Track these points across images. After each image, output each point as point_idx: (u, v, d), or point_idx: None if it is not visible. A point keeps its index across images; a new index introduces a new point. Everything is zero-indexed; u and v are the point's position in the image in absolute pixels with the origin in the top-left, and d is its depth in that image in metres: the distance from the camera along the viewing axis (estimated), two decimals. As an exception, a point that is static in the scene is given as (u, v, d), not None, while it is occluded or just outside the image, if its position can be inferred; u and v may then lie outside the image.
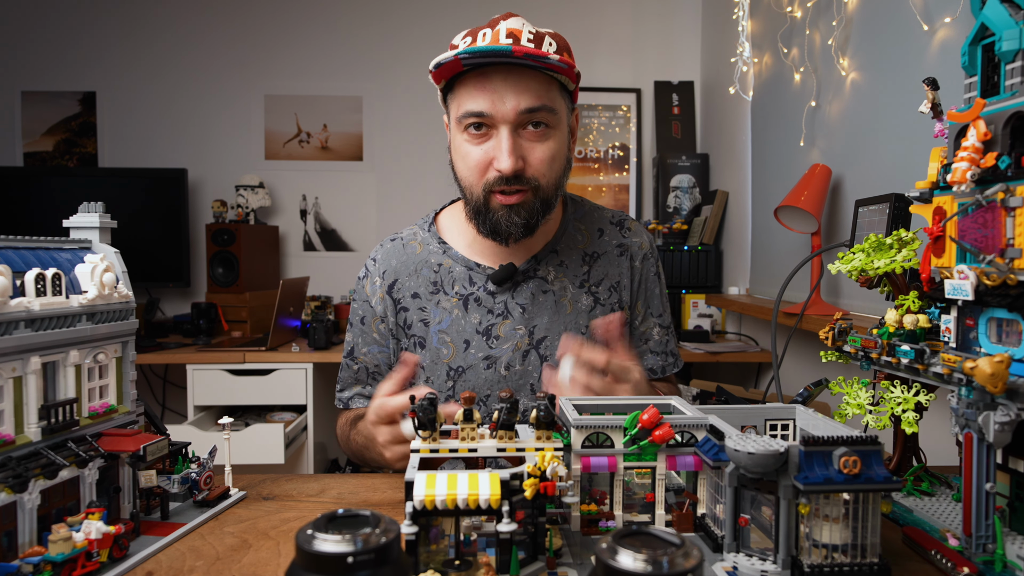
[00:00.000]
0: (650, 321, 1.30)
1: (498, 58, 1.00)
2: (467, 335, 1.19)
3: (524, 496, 0.62)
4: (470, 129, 1.07)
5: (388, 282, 1.24)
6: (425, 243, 1.26)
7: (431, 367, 1.20)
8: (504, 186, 1.07)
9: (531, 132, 1.07)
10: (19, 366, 0.67)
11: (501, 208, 1.09)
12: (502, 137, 1.05)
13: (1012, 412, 0.61)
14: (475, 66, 1.04)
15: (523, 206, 1.09)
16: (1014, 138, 0.67)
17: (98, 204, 0.84)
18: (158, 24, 3.34)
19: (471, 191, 1.11)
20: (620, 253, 1.27)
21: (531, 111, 1.04)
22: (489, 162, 1.07)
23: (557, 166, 1.11)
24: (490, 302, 1.20)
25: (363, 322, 1.26)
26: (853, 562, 0.63)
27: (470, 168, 1.09)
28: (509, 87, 1.03)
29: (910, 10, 1.57)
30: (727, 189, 3.00)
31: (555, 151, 1.09)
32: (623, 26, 3.44)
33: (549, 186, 1.11)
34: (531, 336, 1.19)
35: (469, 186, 1.11)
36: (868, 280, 0.86)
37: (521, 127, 1.06)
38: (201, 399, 2.59)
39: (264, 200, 3.21)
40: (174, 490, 0.89)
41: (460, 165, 1.12)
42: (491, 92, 1.04)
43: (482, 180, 1.09)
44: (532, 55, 0.99)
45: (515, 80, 1.04)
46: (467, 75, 1.06)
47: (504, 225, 1.10)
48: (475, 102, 1.05)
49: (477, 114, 1.05)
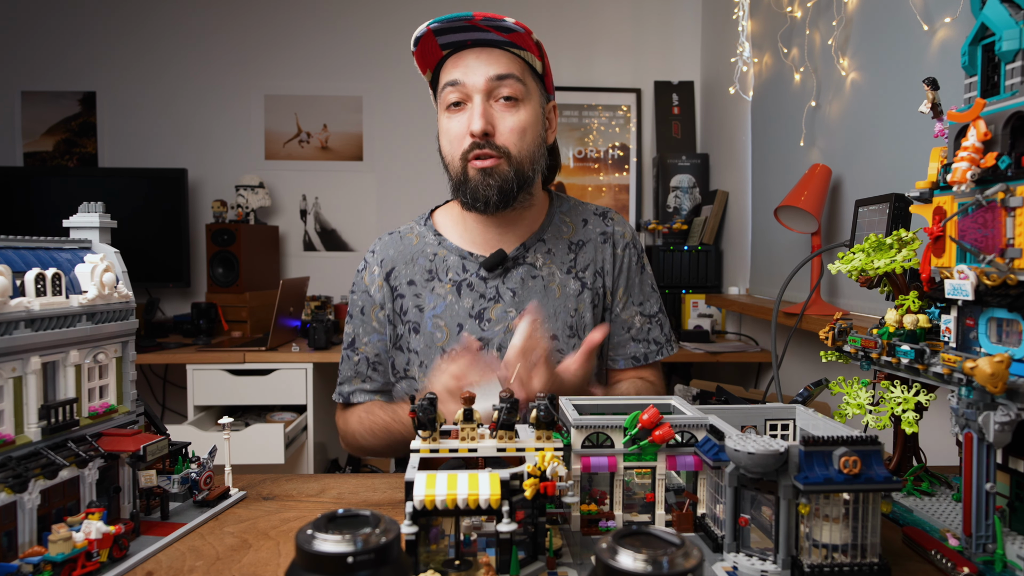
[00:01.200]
0: (631, 309, 1.32)
1: (460, 24, 1.12)
2: (460, 319, 1.22)
3: (524, 496, 0.62)
4: (450, 107, 1.17)
5: (386, 270, 1.28)
6: (421, 236, 1.31)
7: (425, 351, 1.23)
8: (478, 150, 1.14)
9: (502, 104, 1.16)
10: (19, 366, 0.67)
11: (477, 173, 1.15)
12: (475, 103, 1.15)
13: (1012, 412, 0.61)
14: (453, 47, 1.17)
15: (496, 171, 1.15)
16: (1014, 138, 0.67)
17: (98, 204, 0.84)
18: (158, 24, 3.34)
19: (451, 163, 1.19)
20: (603, 240, 1.32)
21: (499, 77, 1.14)
22: (465, 131, 1.16)
23: (529, 139, 1.18)
24: (482, 287, 1.24)
25: (363, 312, 1.30)
26: (853, 562, 0.63)
27: (450, 140, 1.18)
28: (481, 61, 1.16)
29: (910, 10, 1.57)
30: (727, 189, 3.00)
31: (524, 123, 1.17)
32: (623, 26, 3.44)
33: (522, 157, 1.17)
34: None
35: (450, 159, 1.19)
36: (868, 280, 0.86)
37: (493, 99, 1.16)
38: (201, 399, 2.58)
39: (264, 200, 3.21)
40: (174, 490, 0.89)
41: (443, 142, 1.21)
42: (464, 66, 1.16)
43: (459, 149, 1.16)
44: (489, 18, 1.10)
45: (485, 56, 1.16)
46: (447, 59, 1.19)
47: (481, 190, 1.16)
48: (449, 74, 1.17)
49: (452, 83, 1.15)
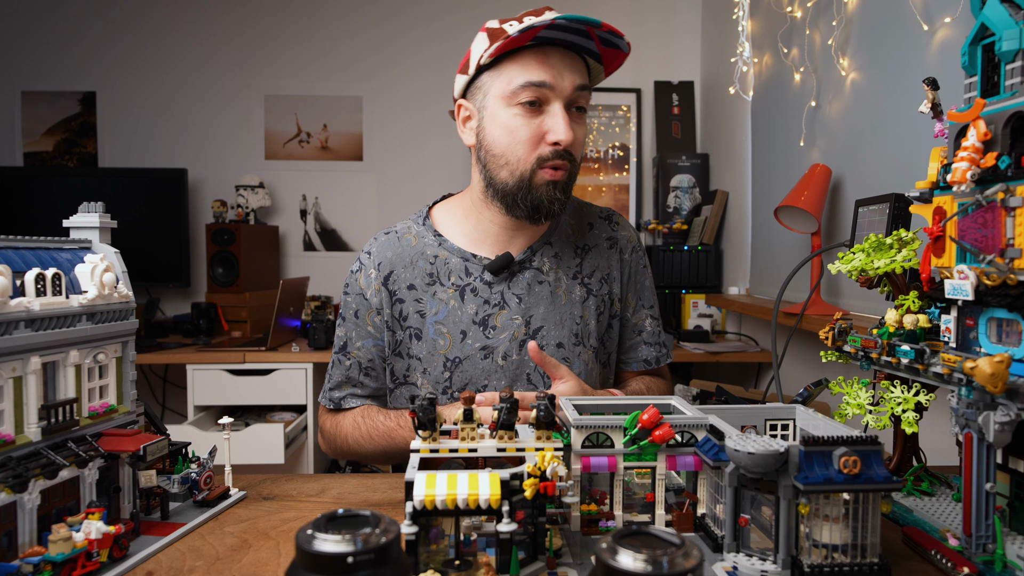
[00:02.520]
0: (642, 312, 1.32)
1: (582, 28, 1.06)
2: (463, 325, 1.19)
3: (524, 496, 0.62)
4: (524, 104, 1.09)
5: (384, 274, 1.23)
6: (420, 236, 1.26)
7: (428, 358, 1.20)
8: (556, 160, 1.10)
9: (575, 113, 1.13)
10: (19, 366, 0.67)
11: (546, 184, 1.12)
12: (558, 111, 1.09)
13: (1012, 412, 0.61)
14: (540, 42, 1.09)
15: (563, 182, 1.13)
16: (1014, 138, 0.67)
17: (98, 204, 0.84)
18: (158, 24, 3.34)
19: (515, 166, 1.12)
20: (610, 246, 1.30)
21: (582, 88, 1.11)
22: (541, 136, 1.10)
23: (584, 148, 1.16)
24: (487, 292, 1.21)
25: (357, 316, 1.24)
26: (853, 562, 0.63)
27: (521, 142, 1.10)
28: (566, 65, 1.10)
29: (910, 10, 1.57)
30: (727, 189, 3.00)
31: (587, 134, 1.17)
32: (623, 26, 3.42)
33: (577, 169, 1.16)
34: (528, 325, 1.20)
35: (515, 160, 1.11)
36: (868, 280, 0.86)
37: (568, 107, 1.11)
38: (201, 399, 2.58)
39: (264, 200, 3.21)
40: (174, 490, 0.89)
41: (506, 142, 1.11)
42: (552, 67, 1.09)
43: (533, 154, 1.11)
44: (613, 31, 1.08)
45: (570, 61, 1.11)
46: (523, 51, 1.10)
47: (547, 201, 1.13)
48: (537, 73, 1.08)
49: (538, 83, 1.08)
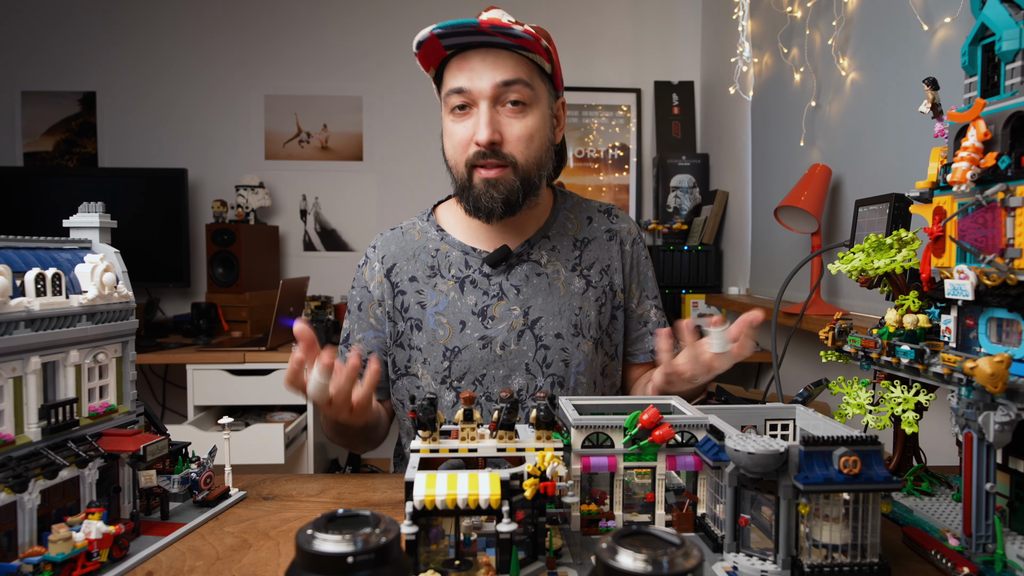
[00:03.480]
0: (646, 303, 1.34)
1: (465, 29, 1.07)
2: (463, 316, 1.21)
3: (524, 496, 0.62)
4: (455, 110, 1.14)
5: (387, 266, 1.27)
6: (424, 231, 1.30)
7: (428, 348, 1.22)
8: (483, 160, 1.12)
9: (509, 109, 1.12)
10: (19, 366, 0.67)
11: (481, 183, 1.14)
12: (481, 111, 1.11)
13: (1012, 412, 0.61)
14: (457, 48, 1.12)
15: (501, 182, 1.13)
16: (1014, 138, 0.67)
17: (98, 204, 0.84)
18: (158, 24, 3.34)
19: (456, 169, 1.17)
20: (609, 238, 1.31)
21: (506, 83, 1.10)
22: (471, 138, 1.13)
23: (536, 145, 1.15)
24: (485, 284, 1.23)
25: (360, 308, 1.29)
26: (853, 562, 0.63)
27: (454, 146, 1.15)
28: (487, 65, 1.11)
29: (910, 10, 1.57)
30: (727, 189, 3.00)
31: (532, 129, 1.14)
32: (623, 26, 3.44)
33: (528, 164, 1.15)
34: (526, 316, 1.22)
35: (454, 164, 1.17)
36: (868, 280, 0.86)
37: (500, 104, 1.12)
38: (201, 399, 2.58)
39: (264, 200, 3.21)
40: (174, 490, 0.89)
41: (447, 145, 1.18)
42: (469, 70, 1.11)
43: (464, 156, 1.14)
44: (497, 26, 1.05)
45: (492, 59, 1.11)
46: (451, 59, 1.14)
47: (484, 200, 1.14)
48: (455, 80, 1.12)
49: (457, 90, 1.11)
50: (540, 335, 1.21)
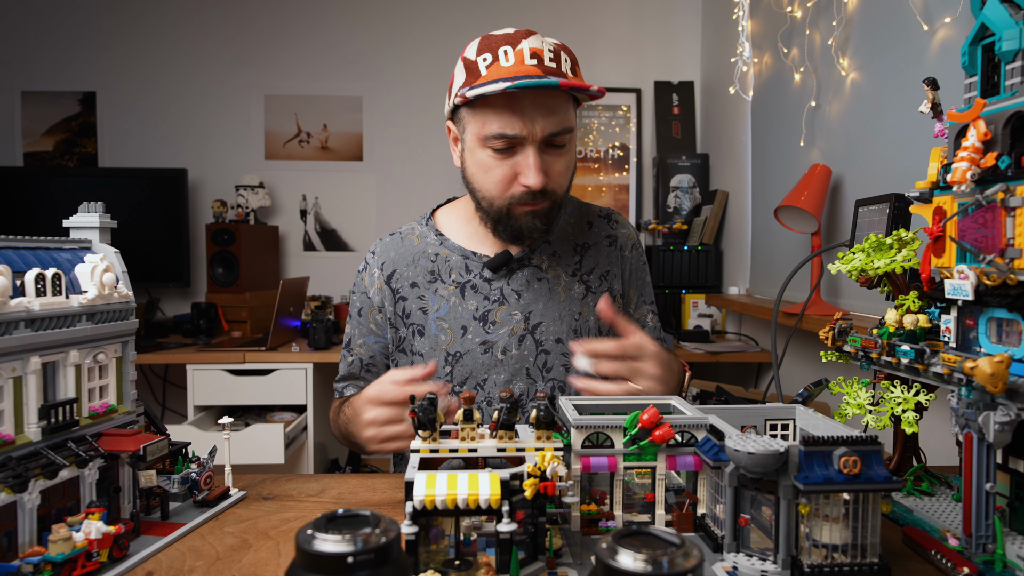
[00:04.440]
0: (643, 308, 1.36)
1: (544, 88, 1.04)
2: (464, 321, 1.22)
3: (524, 496, 0.62)
4: (495, 147, 1.09)
5: (387, 273, 1.27)
6: (423, 236, 1.30)
7: (430, 354, 1.22)
8: (529, 200, 1.12)
9: (553, 150, 1.11)
10: (19, 366, 0.67)
11: (525, 215, 1.14)
12: (530, 156, 1.08)
13: (1012, 412, 0.61)
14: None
15: (544, 213, 1.15)
16: (1014, 138, 0.67)
17: (98, 204, 0.84)
18: (158, 24, 3.34)
19: (491, 201, 1.15)
20: (609, 244, 1.32)
21: (555, 134, 1.08)
22: (514, 177, 1.11)
23: (571, 174, 1.18)
24: (486, 288, 1.23)
25: (360, 314, 1.30)
26: (853, 562, 0.63)
27: (494, 182, 1.12)
28: (539, 110, 1.06)
29: (910, 10, 1.57)
30: (727, 189, 3.00)
31: (570, 162, 1.16)
32: (623, 26, 3.44)
33: (563, 193, 1.18)
34: (527, 321, 1.22)
35: (490, 198, 1.14)
36: (868, 280, 0.86)
37: (544, 146, 1.10)
38: (201, 399, 2.59)
39: (264, 200, 3.21)
40: (174, 490, 0.89)
41: (482, 179, 1.14)
42: (522, 115, 1.06)
43: (506, 194, 1.12)
44: (576, 88, 1.04)
45: (543, 101, 1.06)
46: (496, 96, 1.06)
47: (527, 230, 1.16)
48: (507, 125, 1.06)
49: (508, 136, 1.07)
50: (541, 340, 1.22)
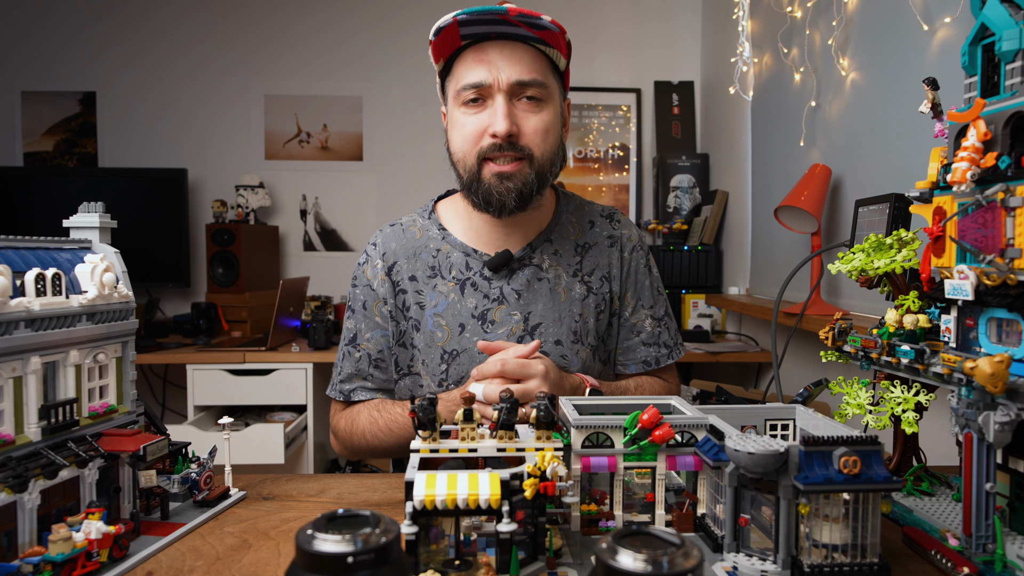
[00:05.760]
0: (641, 313, 1.31)
1: (490, 17, 1.05)
2: (463, 319, 1.20)
3: (524, 496, 0.62)
4: (468, 102, 1.11)
5: (388, 264, 1.25)
6: (425, 229, 1.28)
7: (426, 350, 1.21)
8: (498, 152, 1.10)
9: (525, 103, 1.11)
10: (19, 366, 0.67)
11: (493, 176, 1.12)
12: (497, 103, 1.09)
13: (1012, 412, 0.61)
14: (473, 38, 1.09)
15: (517, 175, 1.12)
16: (1014, 138, 0.67)
17: (98, 204, 0.84)
18: (158, 24, 3.34)
19: (464, 161, 1.14)
20: (610, 244, 1.30)
21: (524, 84, 1.09)
22: (484, 130, 1.11)
23: (551, 140, 1.14)
24: (486, 287, 1.22)
25: (365, 307, 1.26)
26: (853, 562, 0.63)
27: (465, 137, 1.12)
28: (504, 58, 1.09)
29: (910, 10, 1.57)
30: (727, 189, 3.00)
31: (548, 123, 1.13)
32: (623, 26, 3.44)
33: (544, 159, 1.14)
34: (526, 322, 1.21)
35: (463, 156, 1.14)
36: (868, 280, 0.86)
37: (515, 98, 1.11)
38: (201, 399, 2.58)
39: (264, 200, 3.21)
40: (174, 490, 0.89)
41: (455, 137, 1.15)
42: (487, 63, 1.09)
43: (476, 148, 1.12)
44: (524, 15, 1.04)
45: (510, 52, 1.10)
46: (465, 51, 1.11)
47: (496, 193, 1.12)
48: (473, 73, 1.09)
49: (475, 85, 1.09)
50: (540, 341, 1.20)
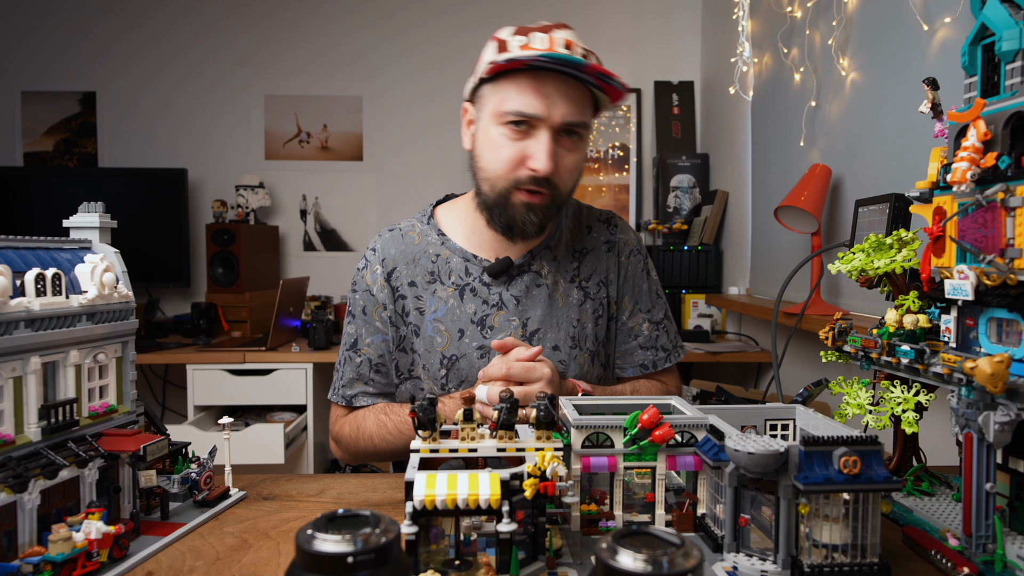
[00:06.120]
0: (639, 317, 1.31)
1: (571, 68, 1.04)
2: (462, 324, 1.21)
3: (524, 496, 0.62)
4: (511, 124, 1.09)
5: (387, 270, 1.25)
6: (424, 234, 1.28)
7: (425, 355, 1.21)
8: (532, 186, 1.10)
9: (566, 140, 1.11)
10: (19, 366, 0.67)
11: (522, 205, 1.12)
12: (543, 139, 1.08)
13: (1012, 412, 0.61)
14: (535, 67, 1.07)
15: (541, 207, 1.13)
16: (1014, 138, 0.67)
17: (98, 204, 0.84)
18: (158, 24, 3.34)
19: (494, 182, 1.13)
20: (608, 249, 1.31)
21: (572, 124, 1.09)
22: (522, 159, 1.10)
23: (577, 175, 1.17)
24: (485, 292, 1.22)
25: (365, 312, 1.25)
26: (853, 562, 0.63)
27: (502, 161, 1.11)
28: (561, 95, 1.07)
29: (910, 10, 1.57)
30: (727, 189, 3.00)
31: (580, 162, 1.15)
32: (623, 26, 3.44)
33: (567, 193, 1.16)
34: (524, 328, 1.22)
35: (494, 177, 1.13)
36: (868, 280, 0.86)
37: (559, 133, 1.10)
38: (201, 399, 2.58)
39: (264, 200, 3.21)
40: (174, 490, 0.89)
41: (490, 156, 1.13)
42: (543, 96, 1.07)
43: (512, 175, 1.11)
44: (603, 74, 1.05)
45: (566, 89, 1.08)
46: (520, 72, 1.08)
47: (519, 222, 1.14)
48: (527, 102, 1.07)
49: (529, 115, 1.07)
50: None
